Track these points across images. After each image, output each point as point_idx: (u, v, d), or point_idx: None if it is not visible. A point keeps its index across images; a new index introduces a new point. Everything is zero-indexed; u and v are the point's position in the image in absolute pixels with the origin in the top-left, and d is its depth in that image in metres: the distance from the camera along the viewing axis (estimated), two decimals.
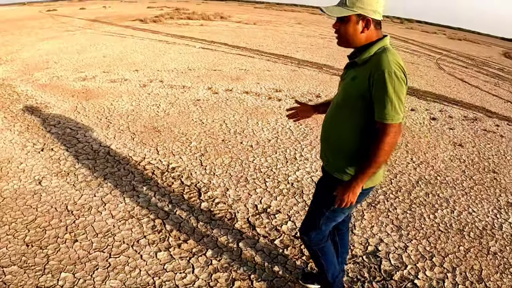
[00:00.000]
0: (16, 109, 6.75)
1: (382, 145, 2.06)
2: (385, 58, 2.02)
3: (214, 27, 22.07)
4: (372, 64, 2.06)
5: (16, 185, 4.39)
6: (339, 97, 2.31)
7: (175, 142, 5.64)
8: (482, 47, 30.25)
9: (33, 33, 17.16)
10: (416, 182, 5.07)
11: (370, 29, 2.13)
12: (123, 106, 7.00)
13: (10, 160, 4.94)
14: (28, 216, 3.83)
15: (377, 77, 2.00)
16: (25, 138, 5.57)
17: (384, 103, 2.01)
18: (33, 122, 6.16)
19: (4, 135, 5.67)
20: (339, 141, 2.31)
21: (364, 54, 2.13)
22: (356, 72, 2.15)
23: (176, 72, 9.87)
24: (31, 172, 4.70)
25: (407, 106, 8.43)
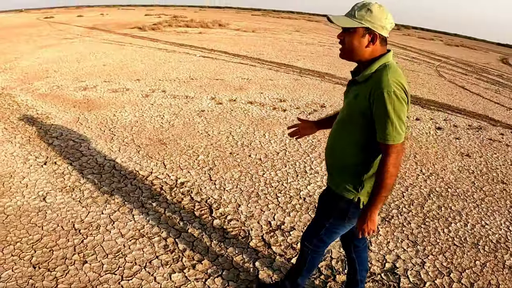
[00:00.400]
0: (17, 119, 6.61)
1: (387, 168, 2.05)
2: (385, 77, 1.99)
3: (213, 34, 21.99)
4: (372, 83, 2.03)
5: (19, 201, 4.24)
6: (343, 113, 2.30)
7: (182, 155, 5.50)
8: (479, 53, 30.44)
9: (31, 41, 17.03)
10: (427, 195, 4.99)
11: (375, 44, 2.10)
12: (127, 117, 6.86)
13: (12, 174, 4.78)
14: (34, 235, 3.67)
15: (377, 97, 1.98)
16: (26, 151, 5.42)
17: (384, 124, 1.99)
18: (34, 133, 6.01)
19: (5, 147, 5.52)
20: (342, 157, 2.30)
21: (365, 71, 2.10)
22: (358, 90, 2.13)
23: (178, 81, 9.74)
24: (35, 188, 4.54)
25: (411, 116, 8.39)
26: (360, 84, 2.13)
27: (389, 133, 2.00)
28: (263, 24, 34.56)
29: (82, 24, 26.51)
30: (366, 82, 2.09)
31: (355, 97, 2.14)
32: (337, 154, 2.33)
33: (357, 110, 2.12)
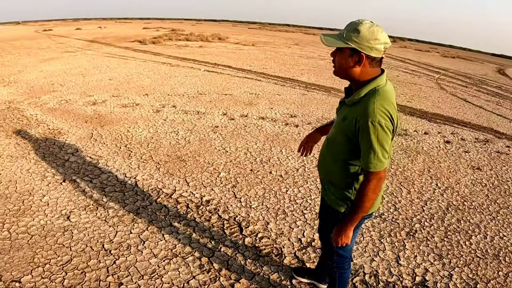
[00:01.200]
0: (28, 135, 6.53)
1: (366, 192, 2.12)
2: (372, 105, 2.00)
3: (214, 48, 22.00)
4: (360, 109, 2.06)
5: (42, 220, 4.15)
6: (333, 131, 2.36)
7: (203, 172, 5.43)
8: (476, 65, 30.85)
9: (33, 54, 16.98)
10: (446, 209, 5.03)
11: (363, 65, 2.09)
12: (141, 133, 6.79)
13: (31, 192, 4.70)
14: (63, 257, 3.59)
15: (362, 126, 2.02)
16: (43, 168, 5.33)
17: (367, 152, 2.05)
18: (48, 150, 5.92)
19: (20, 163, 5.43)
20: (331, 172, 2.40)
21: (355, 95, 2.12)
22: (346, 113, 2.17)
23: (187, 96, 9.69)
24: (57, 206, 4.46)
25: (420, 129, 8.50)
26: (349, 107, 2.17)
27: (371, 161, 2.06)
28: (261, 38, 34.68)
29: (81, 37, 26.47)
30: (354, 106, 2.12)
31: (343, 119, 2.18)
32: (326, 169, 2.43)
33: (343, 132, 2.17)
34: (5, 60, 15.29)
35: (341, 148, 2.25)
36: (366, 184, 2.12)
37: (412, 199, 5.20)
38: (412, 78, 17.05)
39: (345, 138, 2.19)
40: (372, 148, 2.02)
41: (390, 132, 2.03)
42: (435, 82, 16.70)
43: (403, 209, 4.94)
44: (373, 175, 2.09)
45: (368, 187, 2.12)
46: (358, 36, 2.01)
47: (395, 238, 4.27)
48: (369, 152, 2.04)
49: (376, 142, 2.00)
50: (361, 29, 2.01)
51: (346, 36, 2.04)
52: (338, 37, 2.08)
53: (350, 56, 2.07)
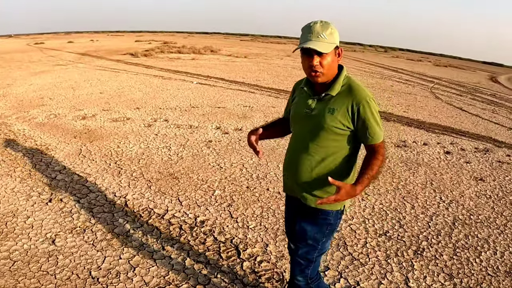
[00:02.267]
0: (15, 151, 6.28)
1: (381, 158, 2.22)
2: (360, 88, 2.22)
3: (206, 61, 21.89)
4: (348, 96, 2.20)
5: (26, 244, 3.87)
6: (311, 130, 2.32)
7: (197, 190, 5.18)
8: (468, 73, 31.26)
9: (24, 67, 16.77)
10: (452, 224, 4.85)
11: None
12: (132, 149, 6.55)
13: (15, 214, 4.43)
14: (46, 286, 3.33)
15: (362, 107, 2.16)
16: (28, 186, 5.06)
17: (373, 127, 2.20)
18: (35, 167, 5.66)
19: (5, 182, 5.19)
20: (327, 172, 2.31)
21: (336, 86, 2.24)
22: (333, 104, 2.23)
23: (180, 110, 9.47)
24: (41, 229, 4.18)
25: (418, 140, 8.42)
26: (333, 99, 2.24)
27: (377, 133, 2.23)
28: (253, 49, 34.69)
29: (73, 50, 26.31)
30: (339, 95, 2.23)
31: (330, 111, 2.22)
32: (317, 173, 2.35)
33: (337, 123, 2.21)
34: None
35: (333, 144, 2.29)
36: (377, 155, 2.22)
37: (417, 215, 5.00)
38: (407, 87, 17.13)
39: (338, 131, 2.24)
40: (375, 121, 2.20)
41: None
42: (429, 91, 16.82)
43: (408, 225, 4.73)
44: (382, 144, 2.26)
45: (380, 154, 2.23)
46: (335, 34, 2.19)
47: (403, 257, 4.06)
48: (374, 126, 2.20)
49: (376, 115, 2.21)
50: (334, 28, 2.19)
51: (329, 38, 2.15)
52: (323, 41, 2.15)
53: (336, 54, 2.22)
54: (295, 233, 2.56)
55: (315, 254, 2.49)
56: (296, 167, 2.41)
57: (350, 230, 4.53)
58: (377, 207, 5.08)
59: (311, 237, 2.44)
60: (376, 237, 4.40)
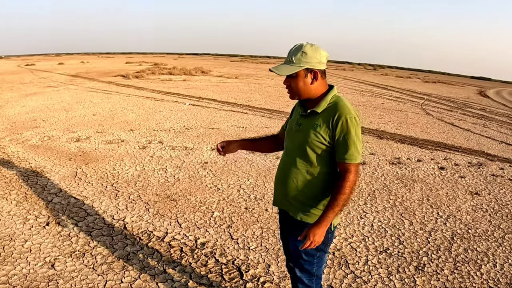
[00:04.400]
0: (9, 173, 6.24)
1: (348, 183, 2.21)
2: (344, 105, 2.23)
3: (197, 82, 21.96)
4: (332, 112, 2.24)
5: (25, 269, 3.82)
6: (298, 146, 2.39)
7: (196, 212, 5.17)
8: (457, 88, 31.64)
9: (15, 88, 16.74)
10: (451, 238, 4.88)
11: (318, 79, 2.30)
12: (127, 171, 6.52)
13: (12, 237, 4.38)
14: None
15: (341, 123, 2.19)
16: (25, 210, 5.02)
17: (348, 145, 2.20)
18: (30, 189, 5.62)
19: (0, 205, 5.16)
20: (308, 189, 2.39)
21: (322, 103, 2.29)
22: (317, 120, 2.29)
23: (174, 131, 9.46)
24: (40, 253, 4.13)
25: (412, 157, 8.47)
26: (318, 115, 2.29)
27: (352, 153, 2.21)
28: (244, 70, 34.85)
29: (64, 72, 26.29)
30: (324, 112, 2.27)
31: (314, 127, 2.28)
32: (304, 188, 2.40)
33: (319, 139, 2.27)
34: None
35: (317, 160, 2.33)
36: (347, 176, 2.22)
37: (416, 231, 5.03)
38: (397, 105, 17.32)
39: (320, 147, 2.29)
40: (352, 141, 2.18)
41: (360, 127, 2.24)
42: (420, 107, 17.01)
43: (408, 242, 4.74)
44: (354, 166, 2.23)
45: (349, 178, 2.22)
46: (307, 57, 2.23)
47: (404, 274, 4.07)
48: (350, 145, 2.19)
49: (355, 134, 2.19)
50: (306, 50, 2.24)
51: (296, 61, 2.24)
52: (288, 64, 2.27)
53: (305, 76, 2.26)
54: (290, 253, 2.62)
55: (314, 268, 2.53)
56: (284, 180, 2.48)
57: (351, 248, 4.54)
58: (376, 224, 5.10)
59: (305, 253, 2.48)
60: (377, 254, 4.41)
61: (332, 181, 2.34)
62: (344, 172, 2.24)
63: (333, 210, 2.23)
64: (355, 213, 5.35)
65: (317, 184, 2.37)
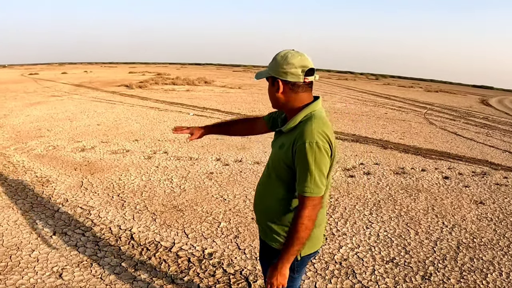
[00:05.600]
0: (15, 183, 6.25)
1: (300, 220, 1.96)
2: (309, 127, 1.97)
3: (201, 92, 22.00)
4: (296, 133, 2.01)
5: (32, 278, 3.83)
6: (269, 164, 2.27)
7: (202, 223, 5.17)
8: (459, 97, 31.63)
9: (19, 98, 16.80)
10: (457, 248, 4.90)
11: (284, 91, 2.08)
12: (133, 182, 6.53)
13: (19, 247, 4.39)
14: None
15: (299, 148, 1.94)
16: (31, 219, 5.04)
17: (304, 175, 1.94)
18: (36, 199, 5.63)
19: (6, 214, 5.14)
20: (272, 212, 2.23)
21: (290, 122, 2.10)
22: (284, 140, 2.11)
23: (178, 142, 9.49)
24: (47, 262, 4.13)
25: (417, 167, 8.42)
26: (285, 135, 2.12)
27: (307, 185, 1.94)
28: (246, 80, 34.91)
29: (68, 81, 26.38)
30: (291, 132, 2.07)
31: (280, 147, 2.12)
32: (265, 209, 2.28)
33: (281, 161, 2.10)
34: None
35: (279, 179, 2.15)
36: (301, 211, 1.97)
37: (421, 240, 5.04)
38: (400, 114, 17.32)
39: (282, 166, 2.09)
40: (308, 170, 1.93)
41: (328, 155, 1.97)
42: (423, 117, 16.99)
43: (414, 251, 4.75)
44: (308, 200, 1.96)
45: (303, 214, 1.96)
46: (274, 64, 2.06)
47: (411, 283, 4.07)
48: (306, 175, 1.93)
49: (313, 164, 1.92)
50: (276, 57, 2.07)
51: (268, 68, 2.10)
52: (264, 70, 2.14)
53: (272, 84, 2.10)
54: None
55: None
56: (255, 198, 2.42)
57: (357, 258, 4.54)
58: (381, 234, 5.11)
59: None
60: (383, 264, 4.42)
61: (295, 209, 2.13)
62: (300, 205, 2.01)
63: (288, 251, 2.02)
64: (361, 223, 5.35)
65: (278, 209, 2.21)
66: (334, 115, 15.43)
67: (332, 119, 14.15)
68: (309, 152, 1.92)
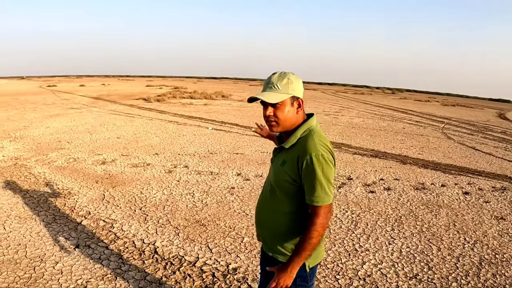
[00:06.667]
0: (37, 194, 6.29)
1: (315, 227, 2.07)
2: (312, 141, 2.07)
3: (218, 106, 22.08)
4: (300, 148, 2.10)
5: None
6: (271, 182, 2.33)
7: (226, 237, 5.13)
8: (476, 111, 31.41)
9: (38, 109, 17.01)
10: (479, 264, 4.82)
11: (301, 109, 2.21)
12: (155, 195, 6.53)
13: (42, 258, 4.39)
14: None
15: (306, 161, 2.04)
16: (54, 231, 5.04)
17: (314, 186, 2.04)
18: (59, 211, 5.65)
19: (29, 225, 5.16)
20: (276, 227, 2.31)
21: (291, 138, 2.18)
22: (285, 156, 2.19)
23: (199, 156, 9.49)
24: (71, 275, 4.12)
25: (436, 182, 8.35)
26: (287, 151, 2.19)
27: (318, 195, 2.05)
28: None
29: (86, 94, 26.66)
30: (293, 148, 2.16)
31: (282, 163, 2.19)
32: (271, 224, 2.34)
33: (284, 177, 2.17)
34: (11, 115, 15.27)
35: (283, 194, 2.23)
36: (315, 220, 2.07)
37: (444, 256, 4.97)
38: (418, 129, 17.22)
39: (286, 182, 2.17)
40: (318, 181, 2.03)
41: (333, 165, 2.09)
42: (441, 131, 16.88)
43: (436, 267, 4.68)
44: (321, 209, 2.07)
45: (317, 222, 2.07)
46: (293, 84, 2.15)
47: None
48: (316, 186, 2.04)
49: (321, 175, 2.02)
50: (292, 79, 2.16)
51: (282, 88, 2.14)
52: (274, 91, 2.16)
53: (292, 104, 2.17)
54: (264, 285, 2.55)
55: None
56: (257, 215, 2.46)
57: (381, 274, 4.49)
58: (404, 250, 5.06)
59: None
60: (407, 280, 4.36)
61: (301, 221, 2.23)
62: (312, 215, 2.11)
63: (299, 255, 2.12)
64: (383, 239, 5.29)
65: (285, 223, 2.28)
66: (352, 130, 15.39)
67: (350, 134, 14.11)
68: (317, 164, 2.02)
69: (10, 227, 5.17)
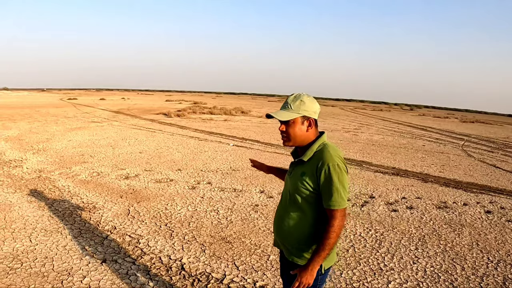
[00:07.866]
0: (62, 208, 6.34)
1: (333, 229, 2.29)
2: (328, 153, 2.31)
3: (239, 122, 22.14)
4: (317, 159, 2.34)
5: None
6: (290, 192, 2.52)
7: (252, 255, 5.11)
8: (496, 128, 31.20)
9: (60, 122, 17.22)
10: (503, 283, 4.77)
11: (313, 127, 2.45)
12: (180, 212, 6.54)
13: (70, 272, 4.41)
14: None
15: (324, 171, 2.28)
16: (80, 245, 5.07)
17: (331, 192, 2.28)
18: (84, 225, 5.68)
19: (55, 238, 5.19)
20: (297, 234, 2.48)
21: (308, 152, 2.41)
22: (304, 168, 2.41)
23: (221, 173, 9.50)
24: None
25: (458, 201, 8.29)
26: (305, 164, 2.41)
27: (335, 199, 2.29)
28: None
29: (106, 108, 26.95)
30: (310, 161, 2.38)
31: (301, 175, 2.40)
32: (295, 230, 2.49)
33: (305, 185, 2.38)
34: (32, 127, 15.47)
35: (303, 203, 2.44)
36: (332, 221, 2.30)
37: (468, 276, 4.91)
38: (438, 146, 17.16)
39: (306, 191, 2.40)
40: (335, 187, 2.26)
41: (346, 173, 2.33)
42: (461, 149, 16.78)
43: (461, 287, 4.63)
44: (337, 212, 2.30)
45: (334, 224, 2.29)
46: (305, 105, 2.41)
47: None
48: (333, 191, 2.27)
49: (337, 181, 2.27)
50: (305, 100, 2.42)
51: (294, 108, 2.41)
52: (287, 111, 2.42)
53: (302, 123, 2.42)
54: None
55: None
56: (278, 224, 2.61)
57: None
58: (428, 269, 5.01)
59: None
60: None
61: (319, 226, 2.42)
62: (330, 218, 2.32)
63: (319, 254, 2.31)
64: (408, 258, 5.24)
65: (306, 229, 2.45)
66: (372, 147, 15.34)
67: (370, 151, 14.05)
68: (333, 173, 2.27)
69: (37, 240, 5.20)
